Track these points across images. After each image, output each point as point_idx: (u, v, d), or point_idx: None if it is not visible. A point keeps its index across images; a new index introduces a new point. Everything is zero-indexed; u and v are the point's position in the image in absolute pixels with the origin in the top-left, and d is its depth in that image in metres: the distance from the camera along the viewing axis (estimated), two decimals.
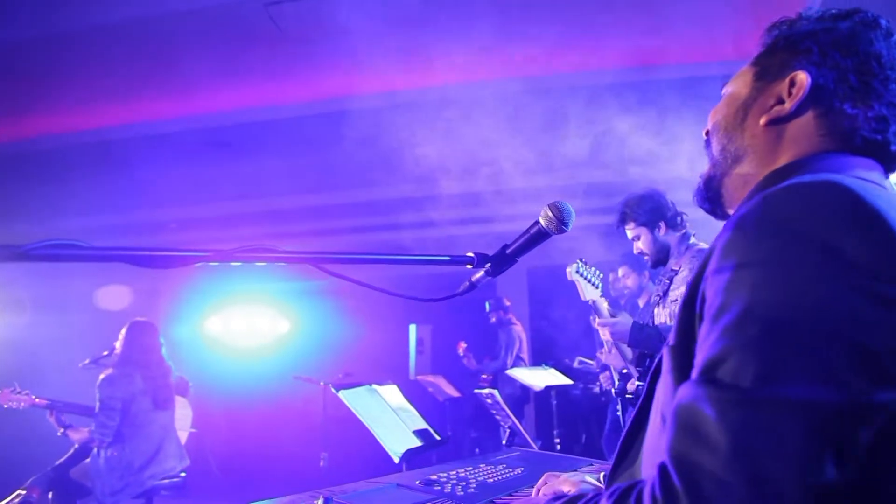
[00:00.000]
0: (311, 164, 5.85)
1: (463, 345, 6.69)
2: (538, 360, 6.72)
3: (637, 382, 2.83)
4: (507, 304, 6.69)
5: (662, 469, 0.69)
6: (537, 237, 1.27)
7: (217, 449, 6.69)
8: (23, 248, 0.76)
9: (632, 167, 5.99)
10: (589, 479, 1.39)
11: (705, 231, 2.75)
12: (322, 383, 4.81)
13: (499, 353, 6.53)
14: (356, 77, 4.50)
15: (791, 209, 0.74)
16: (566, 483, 1.38)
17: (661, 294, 2.76)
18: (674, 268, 2.74)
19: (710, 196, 1.10)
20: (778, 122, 0.98)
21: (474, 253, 1.27)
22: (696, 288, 0.84)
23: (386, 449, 2.61)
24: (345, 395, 2.70)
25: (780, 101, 0.98)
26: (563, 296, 7.61)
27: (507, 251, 1.29)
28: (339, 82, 4.66)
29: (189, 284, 7.57)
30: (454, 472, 1.75)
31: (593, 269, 2.81)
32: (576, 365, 6.09)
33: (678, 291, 2.65)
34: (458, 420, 6.98)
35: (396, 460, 2.59)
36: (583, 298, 2.80)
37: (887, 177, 0.95)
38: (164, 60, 4.38)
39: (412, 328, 7.42)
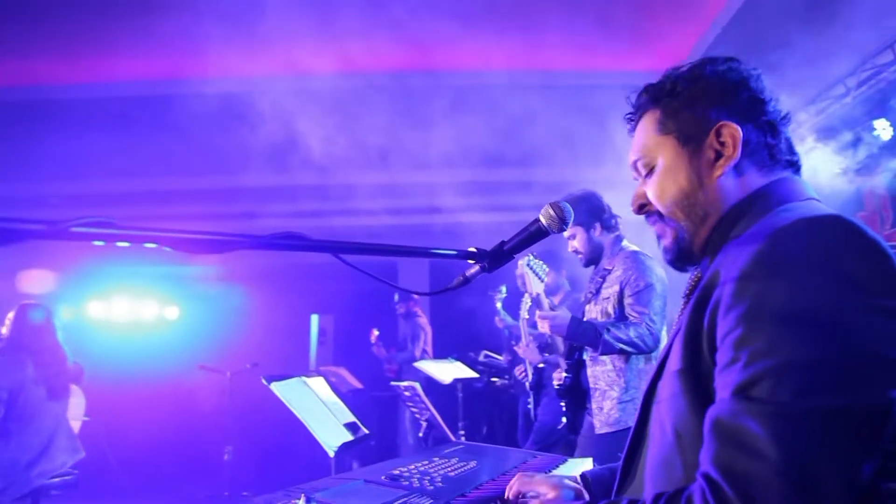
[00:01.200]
0: (203, 145, 5.60)
1: (375, 332, 6.63)
2: (438, 353, 6.78)
3: (564, 374, 2.92)
4: (416, 296, 6.69)
5: (709, 479, 0.77)
6: (537, 234, 1.28)
7: (112, 440, 6.22)
8: (64, 224, 0.67)
9: (507, 167, 6.33)
10: (567, 481, 1.42)
11: (637, 234, 2.88)
12: (229, 374, 4.59)
13: (406, 344, 6.53)
14: (238, 58, 4.41)
15: (805, 244, 0.83)
16: (544, 485, 1.40)
17: (594, 291, 2.87)
18: (607, 267, 2.85)
19: (687, 255, 1.15)
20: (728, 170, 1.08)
21: (476, 248, 1.26)
22: (701, 314, 0.92)
23: (321, 443, 2.55)
24: (277, 388, 2.60)
25: (718, 154, 1.07)
26: (464, 290, 7.73)
27: (505, 248, 1.30)
28: (221, 62, 4.53)
29: (69, 266, 7.00)
30: (413, 467, 1.74)
31: (541, 263, 2.87)
32: (481, 359, 6.21)
33: (611, 290, 2.77)
34: (360, 412, 6.92)
35: (331, 454, 2.53)
36: (528, 291, 2.86)
37: None
38: (49, 19, 4.02)
39: (314, 318, 7.26)
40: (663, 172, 1.12)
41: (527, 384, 4.22)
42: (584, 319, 2.80)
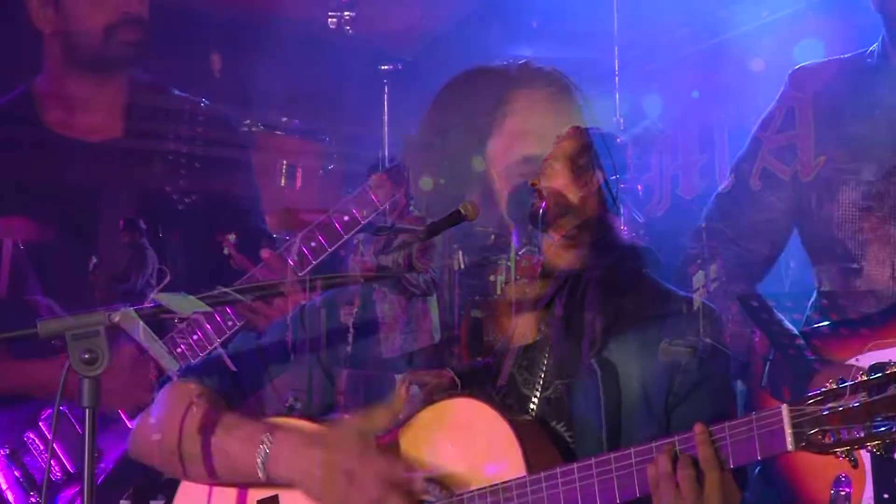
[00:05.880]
0: None
1: (93, 259, 6.01)
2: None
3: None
4: (144, 227, 6.26)
5: None
6: (455, 221, 1.72)
7: None
8: None
9: None
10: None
11: None
12: None
13: (128, 275, 6.11)
14: None
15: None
16: (427, 375, 1.88)
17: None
18: None
19: (545, 223, 1.77)
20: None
21: None
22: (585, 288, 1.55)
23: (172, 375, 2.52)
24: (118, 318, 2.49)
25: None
26: (192, 229, 7.32)
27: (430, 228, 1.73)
28: None
29: None
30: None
31: None
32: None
33: None
34: None
35: None
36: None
37: None
38: None
39: (6, 241, 6.27)
40: (560, 173, 1.64)
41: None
42: None
